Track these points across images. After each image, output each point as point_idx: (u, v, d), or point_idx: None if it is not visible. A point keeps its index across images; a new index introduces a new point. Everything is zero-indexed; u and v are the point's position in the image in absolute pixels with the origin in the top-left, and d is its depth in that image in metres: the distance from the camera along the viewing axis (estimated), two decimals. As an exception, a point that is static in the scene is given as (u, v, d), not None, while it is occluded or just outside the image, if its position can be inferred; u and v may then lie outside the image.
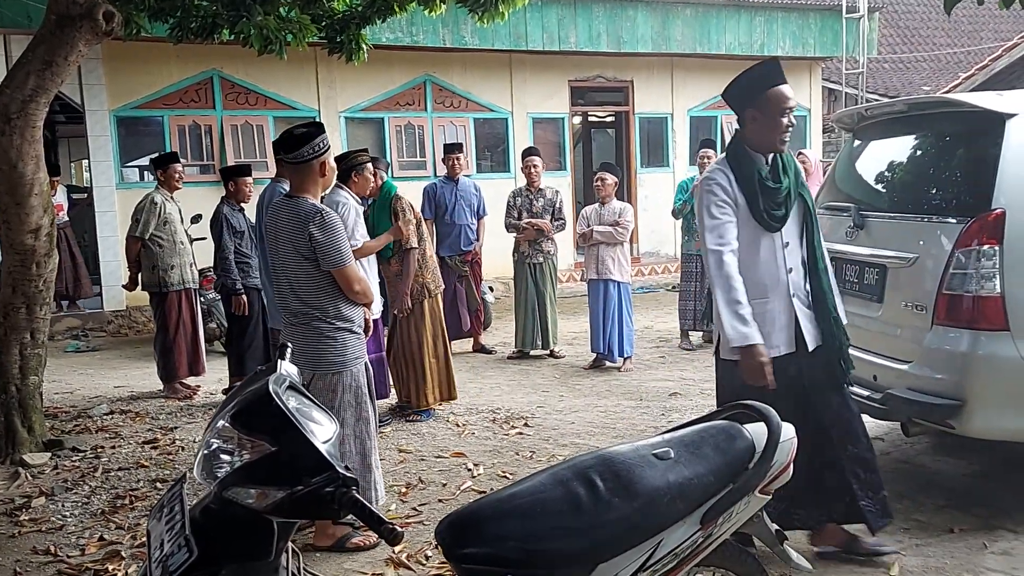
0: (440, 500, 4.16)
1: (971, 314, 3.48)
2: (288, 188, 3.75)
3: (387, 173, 5.94)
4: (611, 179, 6.99)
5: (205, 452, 1.79)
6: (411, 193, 6.50)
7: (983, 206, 3.49)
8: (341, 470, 1.69)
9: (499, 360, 7.57)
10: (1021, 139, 3.52)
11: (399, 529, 1.64)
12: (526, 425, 5.43)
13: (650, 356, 7.50)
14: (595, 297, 6.99)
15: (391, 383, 5.81)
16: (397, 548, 3.59)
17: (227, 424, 1.78)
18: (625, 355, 7.01)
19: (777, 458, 2.12)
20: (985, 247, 3.44)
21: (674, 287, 12.16)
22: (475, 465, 4.65)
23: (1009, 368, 3.41)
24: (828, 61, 14.08)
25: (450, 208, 7.57)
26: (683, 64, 12.47)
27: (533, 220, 7.37)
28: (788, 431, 2.20)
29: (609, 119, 14.85)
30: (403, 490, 4.34)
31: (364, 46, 6.48)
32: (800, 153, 7.65)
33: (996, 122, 3.59)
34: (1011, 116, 3.56)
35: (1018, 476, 4.13)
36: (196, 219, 7.47)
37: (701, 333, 7.88)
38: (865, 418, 4.63)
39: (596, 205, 7.08)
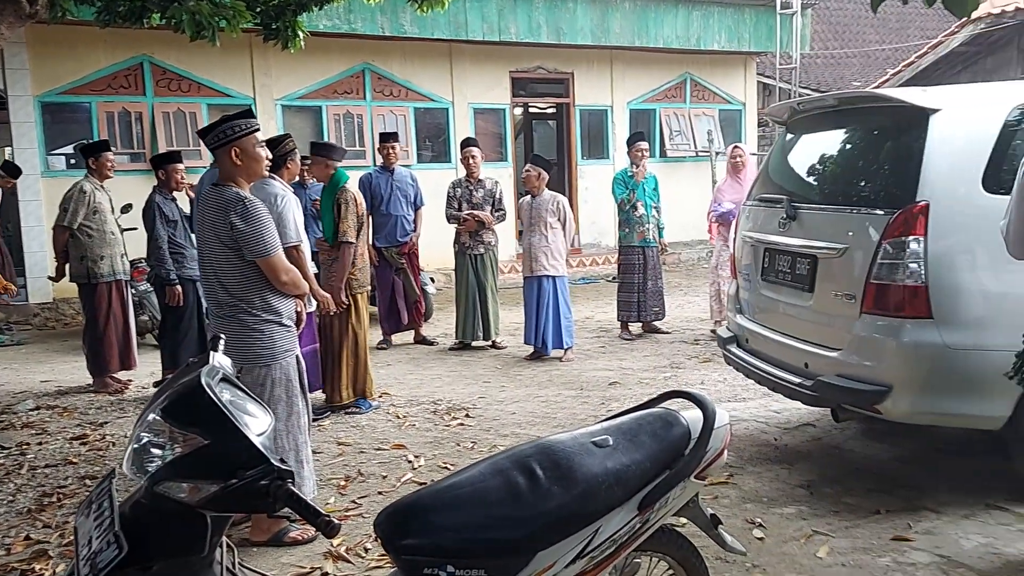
0: (380, 492, 4.14)
1: (897, 303, 3.60)
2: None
3: (340, 160, 5.84)
4: (535, 172, 7.01)
5: (135, 446, 1.74)
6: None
7: (908, 198, 3.60)
8: (276, 462, 1.67)
9: (440, 351, 7.55)
10: (944, 134, 3.65)
11: (336, 521, 1.63)
12: (467, 416, 5.43)
13: (591, 346, 7.57)
14: (530, 293, 7.01)
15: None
16: (336, 541, 3.56)
17: (158, 417, 1.74)
18: (565, 346, 7.05)
19: (712, 444, 2.16)
20: (910, 238, 3.55)
21: (614, 278, 12.31)
22: (416, 457, 4.64)
23: (932, 354, 3.54)
24: (763, 56, 14.37)
25: (386, 198, 7.48)
26: (623, 57, 12.58)
27: (474, 211, 7.35)
28: (723, 417, 2.24)
29: (550, 111, 14.89)
30: (342, 483, 4.30)
31: (301, 33, 6.36)
32: (735, 146, 7.76)
33: (920, 117, 3.71)
34: (935, 111, 3.68)
35: (940, 459, 4.30)
36: (126, 209, 7.26)
37: (641, 323, 7.98)
38: (796, 405, 4.80)
39: (529, 197, 7.09)
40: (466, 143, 7.63)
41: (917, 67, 14.13)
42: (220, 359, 1.97)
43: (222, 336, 2.15)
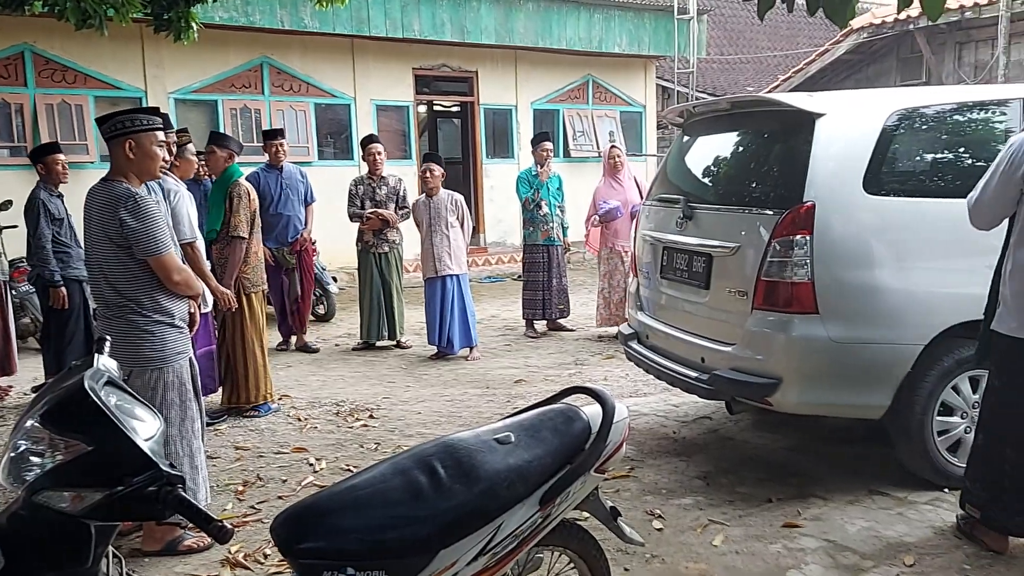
0: (280, 497, 4.04)
1: (786, 299, 3.75)
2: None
3: (238, 154, 5.67)
4: (438, 171, 6.99)
5: (12, 455, 1.65)
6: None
7: (796, 199, 3.76)
8: (165, 467, 1.61)
9: (343, 352, 7.44)
10: (829, 137, 3.82)
11: (229, 526, 1.58)
12: (371, 417, 5.36)
13: (496, 344, 7.60)
14: (433, 293, 6.96)
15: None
16: (234, 548, 3.46)
17: (36, 424, 1.65)
18: (471, 344, 7.06)
19: (611, 438, 2.20)
20: (798, 237, 3.71)
21: (519, 276, 12.40)
22: (317, 460, 4.55)
23: (818, 348, 3.71)
24: (662, 60, 14.73)
25: (276, 198, 7.18)
26: (527, 57, 12.68)
27: (377, 210, 7.26)
28: (622, 412, 2.28)
29: (455, 109, 14.88)
30: (240, 488, 4.18)
31: (194, 25, 6.15)
32: (613, 146, 7.80)
33: (807, 121, 3.87)
34: (820, 116, 3.85)
35: (827, 448, 4.51)
36: (5, 205, 6.85)
37: (546, 321, 8.06)
38: (694, 398, 4.94)
39: (423, 196, 7.04)
40: (369, 140, 7.53)
41: (806, 73, 14.79)
42: (105, 361, 1.88)
43: (107, 338, 2.06)
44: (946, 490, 3.81)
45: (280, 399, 5.74)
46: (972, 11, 12.48)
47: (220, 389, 5.48)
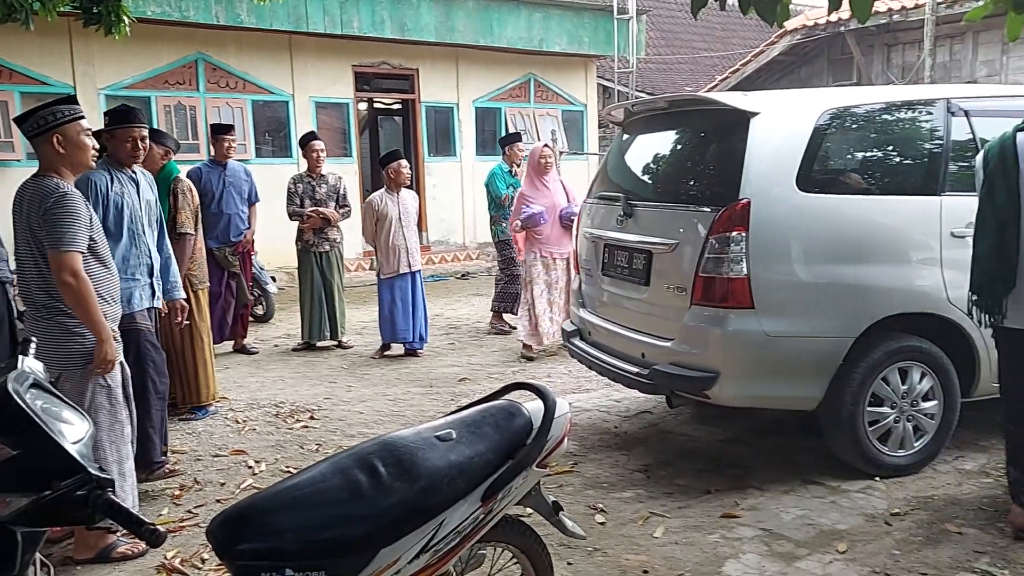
0: (218, 500, 3.97)
1: (723, 294, 3.82)
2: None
3: (175, 152, 5.53)
4: (407, 168, 7.01)
5: (-69, 462, 1.58)
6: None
7: (732, 196, 3.83)
8: (94, 471, 1.56)
9: (283, 353, 7.33)
10: (763, 136, 3.91)
11: (161, 530, 1.54)
12: (312, 418, 5.30)
13: (440, 343, 7.57)
14: (403, 289, 6.89)
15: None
16: (170, 553, 3.38)
17: (-43, 429, 1.58)
18: (425, 341, 7.10)
19: (553, 433, 2.22)
20: (734, 233, 3.78)
21: (464, 275, 12.40)
22: (256, 462, 4.48)
23: (754, 342, 3.79)
24: (602, 59, 14.87)
25: (218, 195, 6.97)
26: (467, 55, 12.67)
27: (318, 208, 7.17)
28: (563, 407, 2.30)
29: (396, 107, 14.78)
30: (176, 493, 4.08)
31: (126, 19, 5.97)
32: (545, 146, 7.33)
33: (742, 120, 3.95)
34: (754, 115, 3.93)
35: (763, 440, 4.61)
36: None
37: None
38: (635, 393, 5.01)
39: (384, 191, 6.99)
40: (309, 137, 7.42)
41: (742, 74, 15.09)
42: (31, 363, 1.82)
43: (33, 339, 1.99)
44: (877, 479, 3.93)
45: (218, 401, 5.63)
46: (900, 14, 12.90)
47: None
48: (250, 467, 4.42)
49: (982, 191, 3.46)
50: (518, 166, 7.89)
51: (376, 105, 15.09)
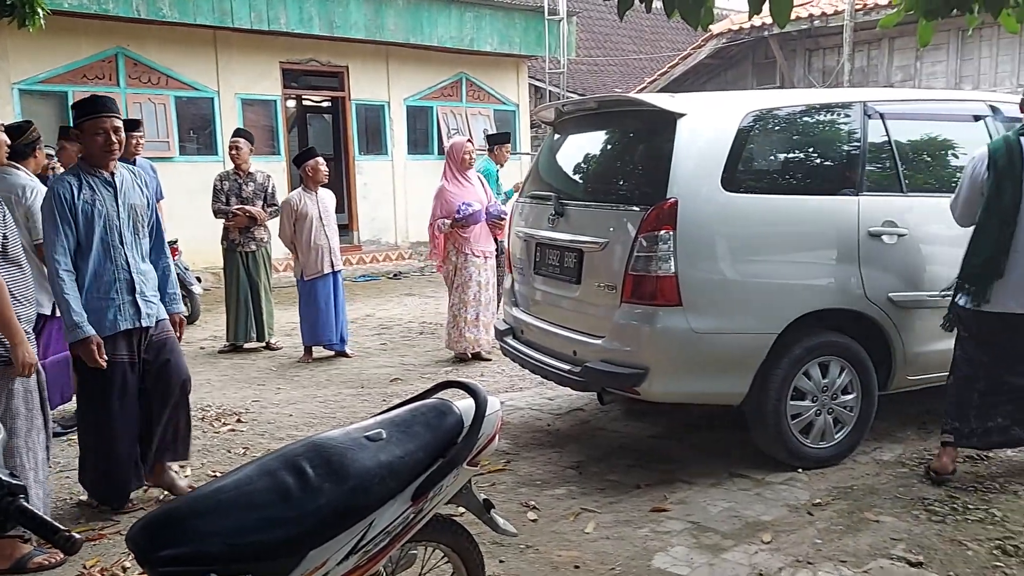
0: (140, 507, 3.85)
1: (651, 292, 3.88)
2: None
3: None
4: (324, 166, 6.90)
5: None
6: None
7: (660, 196, 3.90)
8: (5, 477, 1.50)
9: (209, 355, 7.15)
10: (690, 136, 3.98)
11: (78, 536, 1.49)
12: (239, 421, 5.18)
13: (371, 344, 7.50)
14: (326, 290, 6.78)
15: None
16: (90, 563, 3.27)
17: None
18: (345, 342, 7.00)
19: (484, 431, 2.22)
20: (662, 232, 3.85)
21: (397, 275, 12.30)
22: (181, 467, 4.36)
23: (682, 339, 3.87)
24: (534, 60, 14.94)
25: None
26: (398, 53, 12.57)
27: (244, 206, 7.02)
28: (494, 404, 2.30)
29: (325, 104, 14.58)
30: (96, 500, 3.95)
31: (41, 11, 5.75)
32: (469, 141, 7.00)
33: (669, 120, 4.02)
34: (681, 116, 4.01)
35: (691, 434, 4.70)
36: None
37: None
38: (567, 391, 5.05)
39: (302, 190, 6.87)
40: (234, 134, 7.27)
41: (670, 76, 15.36)
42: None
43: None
44: (800, 470, 4.05)
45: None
46: (820, 20, 13.32)
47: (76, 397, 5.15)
48: (175, 473, 4.29)
49: (991, 190, 3.78)
50: (502, 165, 7.86)
51: (305, 102, 14.85)
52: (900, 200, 4.26)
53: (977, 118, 4.59)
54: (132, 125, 6.89)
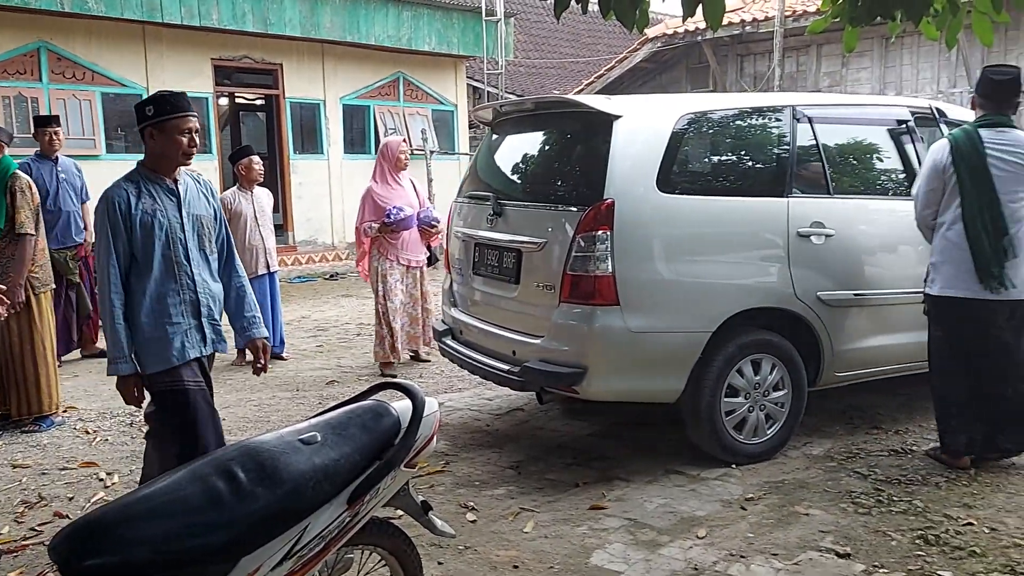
0: (66, 516, 3.72)
1: (589, 292, 3.92)
2: None
3: (8, 145, 5.11)
4: (260, 164, 6.77)
5: None
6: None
7: (597, 196, 3.93)
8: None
9: (139, 358, 6.94)
10: (626, 138, 4.03)
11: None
12: (170, 425, 5.04)
13: (307, 346, 7.39)
14: (262, 292, 6.62)
15: None
16: (12, 574, 3.14)
17: None
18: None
19: (421, 432, 2.21)
20: (599, 232, 3.89)
21: (333, 275, 12.14)
22: (108, 474, 4.23)
23: (619, 338, 3.91)
24: (472, 60, 14.93)
25: (52, 192, 6.45)
26: (334, 51, 12.41)
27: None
28: (432, 405, 2.29)
29: (259, 102, 14.31)
30: (20, 510, 3.80)
31: (-44, 1, 5.50)
32: (405, 140, 6.96)
33: (606, 122, 4.07)
34: (617, 117, 4.06)
35: (629, 432, 4.76)
36: None
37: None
38: (507, 391, 5.06)
39: (236, 189, 6.72)
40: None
41: (606, 79, 15.53)
42: None
43: None
44: (733, 466, 4.13)
45: (65, 411, 5.28)
46: (751, 26, 13.63)
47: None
48: (102, 480, 4.17)
49: (965, 183, 3.95)
50: None
51: (238, 100, 14.56)
52: (827, 202, 4.39)
53: (900, 122, 4.76)
54: (46, 121, 6.63)
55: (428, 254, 6.46)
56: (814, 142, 4.43)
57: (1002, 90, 4.03)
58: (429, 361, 6.50)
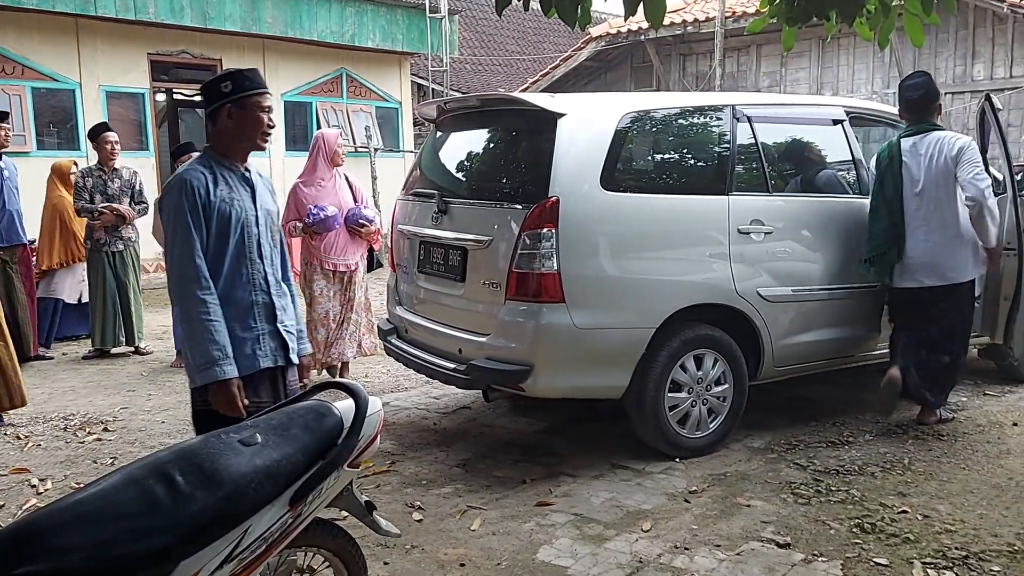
0: (-3, 525, 3.59)
1: (535, 289, 3.93)
2: None
3: None
4: None
5: None
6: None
7: (542, 194, 3.94)
8: None
9: (73, 361, 6.75)
10: (570, 136, 4.05)
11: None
12: (106, 430, 4.91)
13: (248, 346, 7.25)
14: None
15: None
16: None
17: None
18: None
19: (365, 432, 2.18)
20: (544, 230, 3.90)
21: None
22: (41, 480, 4.09)
23: (565, 335, 3.93)
24: (416, 57, 14.85)
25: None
26: (276, 47, 12.22)
27: (112, 204, 6.66)
28: (375, 404, 2.27)
29: (199, 98, 13.98)
30: (-54, 520, 3.66)
31: None
32: (341, 134, 6.33)
33: (550, 120, 4.07)
34: (562, 115, 4.07)
35: (575, 427, 4.79)
36: None
37: None
38: (454, 389, 5.04)
39: None
40: (102, 128, 6.88)
41: (552, 77, 15.60)
42: None
43: None
44: (677, 459, 4.19)
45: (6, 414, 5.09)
46: (693, 26, 13.83)
47: None
48: (34, 486, 4.03)
49: (875, 185, 4.65)
50: None
51: (176, 96, 14.23)
52: (766, 199, 4.47)
53: (836, 122, 4.88)
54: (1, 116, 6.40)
55: (368, 256, 5.88)
56: (753, 141, 4.51)
57: (915, 106, 4.60)
58: (344, 380, 6.18)
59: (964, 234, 4.51)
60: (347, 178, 5.79)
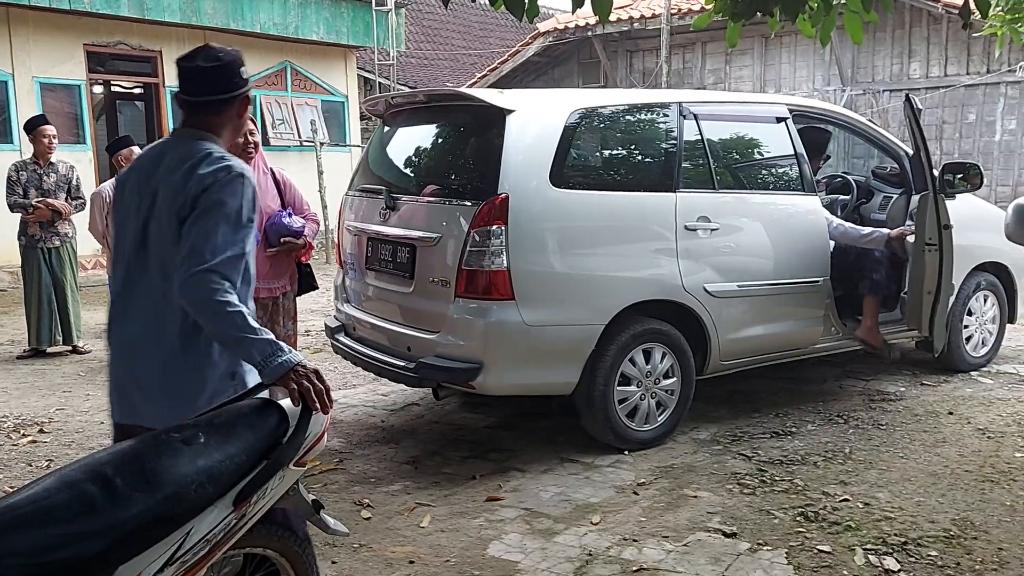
0: None
1: (485, 286, 3.91)
2: None
3: None
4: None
5: None
6: None
7: (491, 191, 3.93)
8: None
9: (6, 361, 6.52)
10: (519, 132, 4.04)
11: None
12: (41, 432, 4.76)
13: (191, 344, 7.09)
14: None
15: None
16: None
17: None
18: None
19: (311, 429, 2.14)
20: (494, 227, 3.88)
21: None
22: (-25, 485, 3.95)
23: (515, 332, 3.92)
24: (362, 51, 14.69)
25: None
26: (217, 38, 11.89)
27: (46, 199, 6.45)
28: (322, 402, 2.22)
29: (137, 91, 13.65)
30: None
31: None
32: (252, 119, 5.91)
33: (499, 116, 4.06)
34: (511, 112, 4.06)
35: (525, 423, 4.79)
36: None
37: None
38: (403, 387, 5.00)
39: (113, 183, 6.39)
40: (40, 121, 6.66)
41: (499, 73, 15.59)
42: None
43: None
44: (626, 452, 4.22)
45: (-77, 420, 4.90)
46: (639, 23, 13.96)
47: None
48: None
49: None
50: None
51: (114, 88, 13.85)
52: (712, 196, 4.53)
53: (779, 119, 4.96)
54: None
55: (299, 276, 4.43)
56: (700, 138, 4.56)
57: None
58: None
59: None
60: (275, 175, 4.33)
